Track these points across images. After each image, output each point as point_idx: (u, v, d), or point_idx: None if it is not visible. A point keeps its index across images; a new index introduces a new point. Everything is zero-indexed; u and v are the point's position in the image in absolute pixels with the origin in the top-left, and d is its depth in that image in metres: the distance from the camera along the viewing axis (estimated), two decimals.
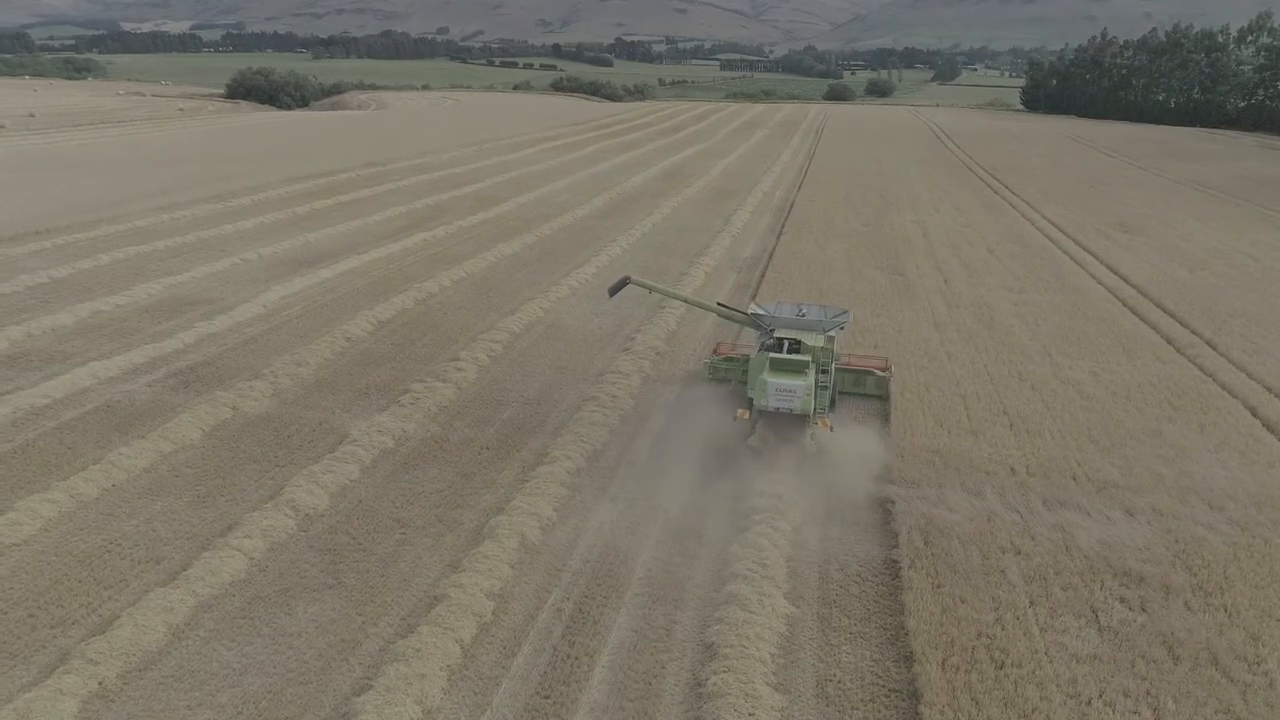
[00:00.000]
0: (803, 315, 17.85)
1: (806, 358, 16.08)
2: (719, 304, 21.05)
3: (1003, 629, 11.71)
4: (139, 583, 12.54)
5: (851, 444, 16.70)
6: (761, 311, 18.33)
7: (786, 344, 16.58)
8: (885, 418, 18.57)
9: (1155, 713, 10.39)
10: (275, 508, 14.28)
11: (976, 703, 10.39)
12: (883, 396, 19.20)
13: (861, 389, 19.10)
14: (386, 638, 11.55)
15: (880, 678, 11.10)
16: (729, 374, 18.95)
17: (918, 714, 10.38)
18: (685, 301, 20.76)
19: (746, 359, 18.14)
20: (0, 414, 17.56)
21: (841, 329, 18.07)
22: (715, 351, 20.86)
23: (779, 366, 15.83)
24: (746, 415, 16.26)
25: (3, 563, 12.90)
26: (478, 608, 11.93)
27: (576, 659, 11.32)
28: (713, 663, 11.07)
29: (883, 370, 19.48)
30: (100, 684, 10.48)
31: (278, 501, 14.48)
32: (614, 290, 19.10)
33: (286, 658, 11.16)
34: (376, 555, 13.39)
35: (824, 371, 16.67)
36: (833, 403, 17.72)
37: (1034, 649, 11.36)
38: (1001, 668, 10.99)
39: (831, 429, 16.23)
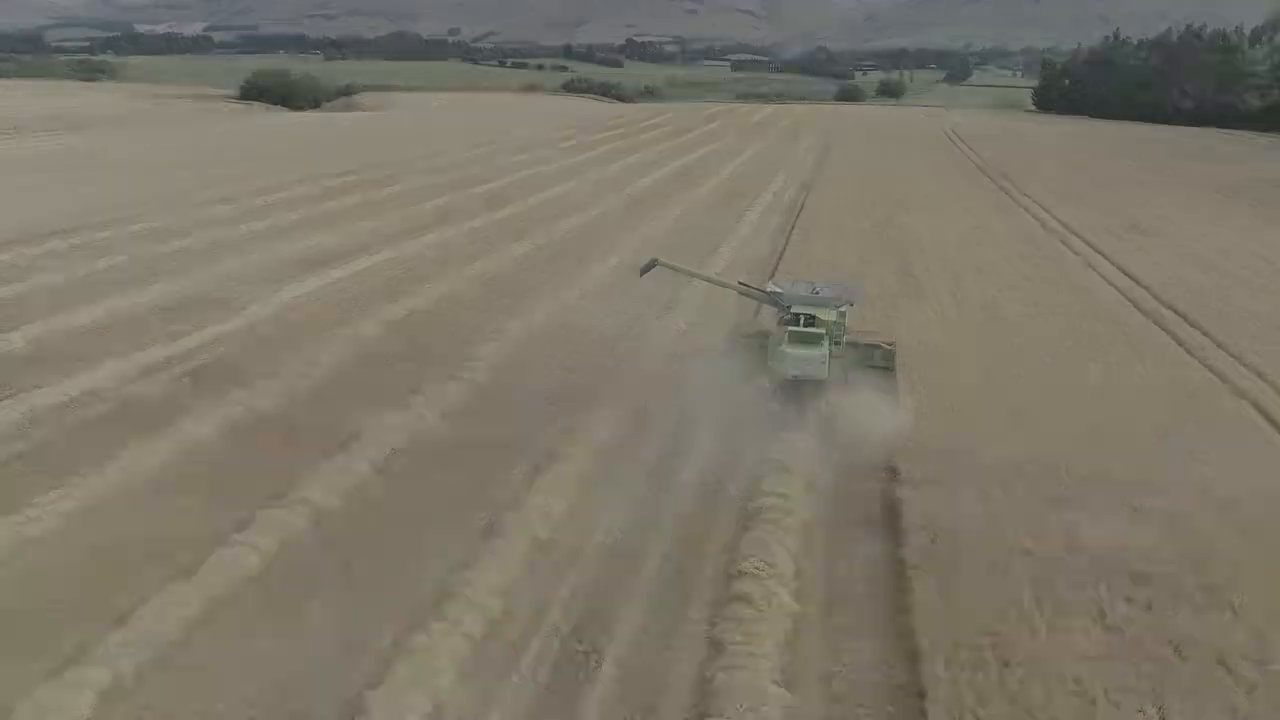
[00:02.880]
0: (817, 293, 19.14)
1: (821, 330, 17.43)
2: (740, 283, 22.71)
3: (1008, 628, 11.76)
4: (154, 578, 12.68)
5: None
6: (779, 289, 19.81)
7: (803, 318, 17.75)
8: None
9: (1161, 712, 10.41)
10: (288, 505, 14.44)
11: (982, 701, 10.45)
12: (889, 368, 19.66)
13: (870, 361, 19.69)
14: (397, 634, 11.67)
15: (886, 675, 11.16)
16: (749, 347, 19.94)
17: (923, 711, 10.44)
18: (709, 281, 22.90)
19: (767, 334, 19.51)
20: (17, 412, 17.80)
21: (852, 304, 19.37)
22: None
23: (797, 339, 17.19)
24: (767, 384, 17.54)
25: (19, 559, 13.10)
26: (488, 604, 12.06)
27: (585, 655, 11.43)
28: (719, 659, 11.15)
29: (889, 345, 19.98)
30: (116, 678, 10.63)
31: (290, 499, 14.65)
32: (644, 270, 20.28)
33: (299, 653, 11.31)
34: (388, 552, 13.54)
35: (836, 343, 17.98)
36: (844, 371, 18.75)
37: (1040, 648, 11.41)
38: (1007, 666, 11.03)
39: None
